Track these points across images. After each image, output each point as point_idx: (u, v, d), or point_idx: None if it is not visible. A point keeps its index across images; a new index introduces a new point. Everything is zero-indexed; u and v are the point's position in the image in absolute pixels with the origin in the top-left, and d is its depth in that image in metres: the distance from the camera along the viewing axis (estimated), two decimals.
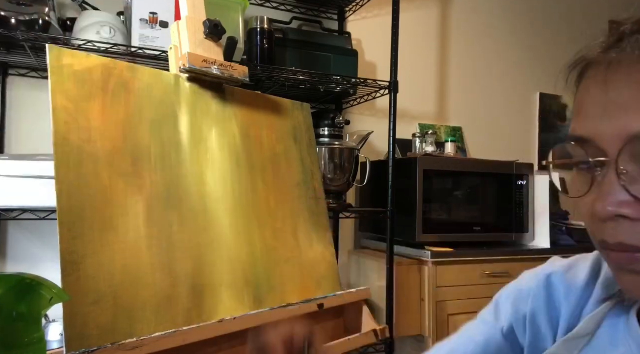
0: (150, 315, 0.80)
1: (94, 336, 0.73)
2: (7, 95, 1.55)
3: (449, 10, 2.38)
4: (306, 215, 1.10)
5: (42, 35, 1.24)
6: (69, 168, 0.78)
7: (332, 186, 1.61)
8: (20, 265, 1.54)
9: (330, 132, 1.62)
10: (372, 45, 2.13)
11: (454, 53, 2.38)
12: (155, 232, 0.85)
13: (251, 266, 0.96)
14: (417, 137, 2.02)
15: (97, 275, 0.76)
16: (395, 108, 1.63)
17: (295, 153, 1.13)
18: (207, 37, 0.99)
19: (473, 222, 1.79)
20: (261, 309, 0.90)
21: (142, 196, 0.85)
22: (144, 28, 1.32)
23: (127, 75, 0.90)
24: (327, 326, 1.05)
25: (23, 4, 1.25)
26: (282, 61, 1.59)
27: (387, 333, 1.03)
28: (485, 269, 1.72)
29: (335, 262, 1.11)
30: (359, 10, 1.95)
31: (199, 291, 0.87)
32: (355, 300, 1.05)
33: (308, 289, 1.03)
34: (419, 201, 1.70)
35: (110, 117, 0.86)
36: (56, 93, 0.80)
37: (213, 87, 1.02)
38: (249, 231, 0.98)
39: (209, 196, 0.95)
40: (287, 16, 1.90)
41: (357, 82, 1.62)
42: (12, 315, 0.55)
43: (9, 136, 1.56)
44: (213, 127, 1.00)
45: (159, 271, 0.83)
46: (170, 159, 0.91)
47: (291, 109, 1.17)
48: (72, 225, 0.76)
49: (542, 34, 2.61)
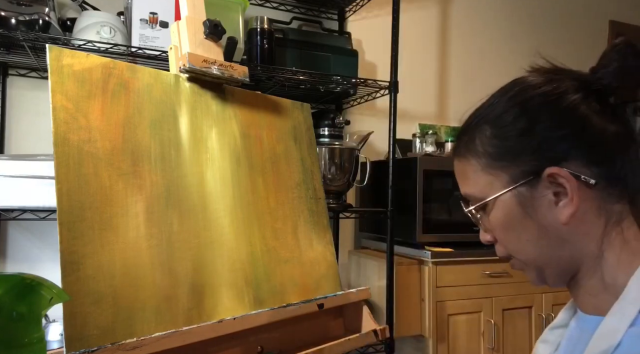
0: (150, 315, 0.80)
1: (94, 336, 0.73)
2: (7, 95, 1.55)
3: (449, 10, 2.38)
4: (306, 215, 1.10)
5: (42, 35, 1.24)
6: (69, 168, 0.78)
7: (332, 186, 1.61)
8: (20, 265, 1.54)
9: (330, 132, 1.62)
10: (372, 45, 2.13)
11: (454, 53, 2.38)
12: (155, 232, 0.85)
13: (251, 266, 0.96)
14: (417, 137, 2.02)
15: (97, 275, 0.76)
16: (395, 108, 1.63)
17: (295, 153, 1.13)
18: (207, 37, 0.99)
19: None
20: (261, 309, 0.90)
21: (142, 196, 0.85)
22: (144, 28, 1.32)
23: (127, 75, 0.90)
24: (327, 326, 1.05)
25: (23, 4, 1.25)
26: (282, 61, 1.59)
27: (387, 333, 1.03)
28: (485, 269, 1.72)
29: (335, 262, 1.11)
30: (359, 10, 1.95)
31: (199, 291, 0.87)
32: (355, 300, 1.05)
33: (308, 289, 1.03)
34: (419, 201, 1.70)
35: (110, 117, 0.86)
36: (56, 93, 0.80)
37: (213, 87, 1.02)
38: (248, 230, 0.98)
39: (209, 195, 0.95)
40: (287, 16, 1.90)
41: (357, 82, 1.62)
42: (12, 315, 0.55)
43: (8, 136, 1.56)
44: (213, 127, 1.00)
45: (158, 271, 0.83)
46: (170, 159, 0.91)
47: (291, 109, 1.17)
48: (72, 225, 0.76)
49: (542, 34, 2.61)
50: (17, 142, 1.57)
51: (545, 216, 0.54)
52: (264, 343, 0.92)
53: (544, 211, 0.54)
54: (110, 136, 0.85)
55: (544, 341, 0.66)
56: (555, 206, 0.54)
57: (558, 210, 0.53)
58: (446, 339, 1.65)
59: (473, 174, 0.60)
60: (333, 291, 1.06)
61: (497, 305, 1.73)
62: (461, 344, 1.68)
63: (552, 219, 0.54)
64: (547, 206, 0.54)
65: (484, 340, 1.70)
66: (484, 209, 0.60)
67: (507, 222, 0.57)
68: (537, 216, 0.55)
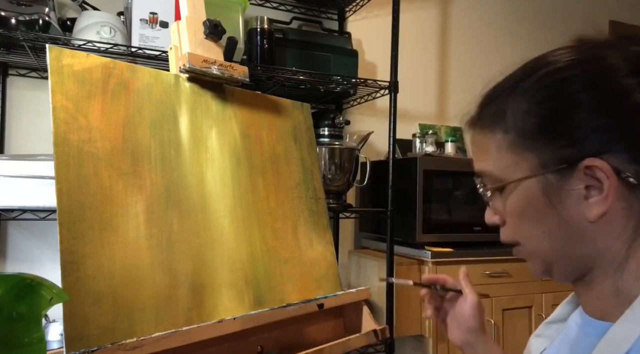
0: (150, 315, 0.80)
1: (94, 336, 0.73)
2: (7, 95, 1.55)
3: (449, 10, 2.38)
4: (306, 215, 1.10)
5: (42, 35, 1.24)
6: (69, 168, 0.78)
7: (332, 186, 1.61)
8: (20, 265, 1.54)
9: (330, 132, 1.62)
10: (372, 45, 2.13)
11: (454, 53, 2.38)
12: (155, 232, 0.85)
13: (251, 266, 0.96)
14: (417, 137, 2.02)
15: (97, 275, 0.76)
16: (395, 108, 1.63)
17: (295, 153, 1.13)
18: (207, 37, 0.99)
19: (473, 222, 1.79)
20: (261, 309, 0.90)
21: (142, 196, 0.85)
22: (144, 28, 1.32)
23: (127, 75, 0.90)
24: (327, 326, 1.05)
25: (23, 4, 1.25)
26: (282, 61, 1.59)
27: (387, 333, 1.03)
28: (485, 269, 1.72)
29: (335, 262, 1.11)
30: (359, 10, 1.95)
31: (199, 291, 0.87)
32: (355, 300, 1.05)
33: (308, 289, 1.03)
34: (419, 201, 1.70)
35: (110, 117, 0.86)
36: (56, 93, 0.80)
37: (213, 87, 1.02)
38: (248, 230, 0.98)
39: (209, 195, 0.95)
40: (287, 16, 1.90)
41: (357, 82, 1.62)
42: (12, 315, 0.55)
43: (8, 136, 1.56)
44: (213, 127, 1.00)
45: (158, 271, 0.83)
46: (170, 159, 0.91)
47: (291, 109, 1.17)
48: (72, 225, 0.76)
49: (542, 34, 2.61)
50: (17, 142, 1.57)
51: (570, 210, 0.49)
52: (264, 343, 0.92)
53: (570, 204, 0.49)
54: (110, 136, 0.85)
55: (538, 335, 0.65)
56: (585, 200, 0.48)
57: (587, 206, 0.48)
58: (446, 339, 1.65)
59: (496, 150, 0.53)
60: (333, 291, 1.06)
61: (497, 305, 1.73)
62: None
63: (578, 214, 0.49)
64: (575, 199, 0.49)
65: None
66: (501, 190, 0.54)
67: (526, 209, 0.52)
68: (562, 208, 0.50)
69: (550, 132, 0.50)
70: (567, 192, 0.49)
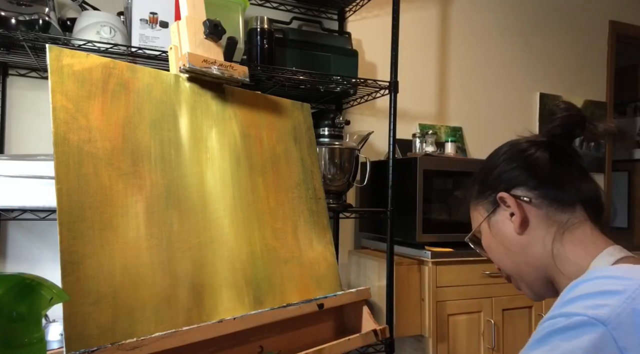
0: (150, 315, 0.80)
1: (94, 336, 0.73)
2: (7, 95, 1.55)
3: (449, 10, 2.38)
4: (306, 215, 1.10)
5: (42, 35, 1.24)
6: (69, 168, 0.78)
7: (332, 186, 1.61)
8: (20, 265, 1.54)
9: (330, 132, 1.62)
10: (372, 45, 2.13)
11: (454, 53, 2.38)
12: (155, 232, 0.85)
13: (251, 266, 0.96)
14: (417, 137, 2.02)
15: (97, 275, 0.76)
16: (395, 108, 1.63)
17: (295, 153, 1.13)
18: (207, 37, 0.99)
19: None
20: (261, 309, 0.90)
21: (141, 196, 0.85)
22: (144, 28, 1.32)
23: (127, 75, 0.90)
24: (327, 326, 1.05)
25: (23, 4, 1.25)
26: (282, 61, 1.59)
27: (387, 333, 1.03)
28: (485, 269, 1.72)
29: (335, 262, 1.11)
30: (359, 10, 1.95)
31: (199, 291, 0.87)
32: (355, 300, 1.05)
33: (308, 289, 1.03)
34: (419, 201, 1.70)
35: (110, 117, 0.86)
36: (56, 93, 0.80)
37: (213, 87, 1.02)
38: (248, 230, 0.98)
39: (209, 195, 0.95)
40: (287, 16, 1.90)
41: (357, 82, 1.62)
42: (12, 315, 0.55)
43: (9, 136, 1.56)
44: (213, 127, 1.00)
45: (158, 270, 0.83)
46: (170, 159, 0.91)
47: (291, 109, 1.17)
48: (72, 225, 0.76)
49: (542, 34, 2.62)
50: (17, 142, 1.57)
51: (507, 230, 0.72)
52: (264, 343, 0.92)
53: (506, 228, 0.72)
54: (110, 136, 0.85)
55: None
56: (510, 222, 0.71)
57: (512, 224, 0.70)
58: (446, 339, 1.66)
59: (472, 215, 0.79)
60: (333, 291, 1.06)
61: (497, 305, 1.73)
62: (461, 344, 1.68)
63: (511, 231, 0.71)
64: (507, 223, 0.71)
65: (484, 340, 1.70)
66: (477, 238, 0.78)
67: (490, 244, 0.75)
68: (504, 232, 0.72)
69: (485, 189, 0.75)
70: (502, 221, 0.72)
